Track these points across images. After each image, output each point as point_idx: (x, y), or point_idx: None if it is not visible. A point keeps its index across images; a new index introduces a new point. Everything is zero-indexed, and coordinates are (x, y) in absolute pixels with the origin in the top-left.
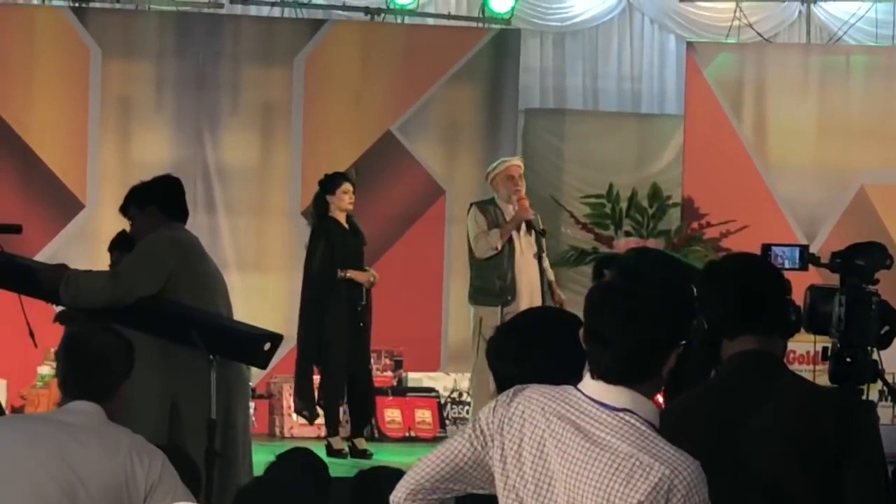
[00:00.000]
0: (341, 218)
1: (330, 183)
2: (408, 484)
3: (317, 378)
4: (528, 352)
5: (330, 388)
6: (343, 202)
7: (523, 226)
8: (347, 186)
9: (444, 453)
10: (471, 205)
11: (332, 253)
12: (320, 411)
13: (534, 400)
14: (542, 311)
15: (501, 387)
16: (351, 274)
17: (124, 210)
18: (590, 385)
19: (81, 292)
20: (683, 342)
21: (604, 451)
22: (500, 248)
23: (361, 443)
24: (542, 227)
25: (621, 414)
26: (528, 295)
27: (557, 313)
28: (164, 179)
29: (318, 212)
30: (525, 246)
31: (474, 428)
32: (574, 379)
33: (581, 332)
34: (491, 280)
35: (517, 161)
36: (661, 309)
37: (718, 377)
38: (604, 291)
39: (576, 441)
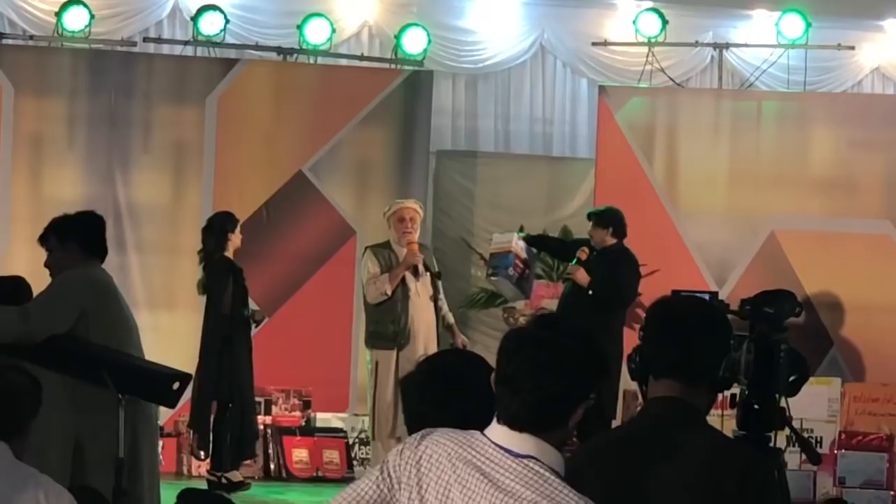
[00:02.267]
0: (232, 256)
1: (231, 221)
2: None
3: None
4: (454, 396)
5: (236, 423)
6: (239, 241)
7: (420, 268)
8: (239, 226)
9: (351, 494)
10: (365, 248)
11: (240, 291)
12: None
13: (441, 444)
14: (463, 355)
15: (414, 429)
16: (253, 313)
17: (43, 240)
18: (496, 430)
19: None
20: (593, 396)
21: (508, 496)
22: (389, 293)
23: (237, 475)
24: (437, 269)
25: (525, 461)
26: (424, 337)
27: (478, 358)
28: (87, 216)
29: (220, 249)
30: (421, 289)
31: (382, 470)
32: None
33: (492, 375)
34: (384, 324)
35: (410, 203)
36: (573, 362)
37: (631, 422)
38: (519, 339)
39: (481, 487)
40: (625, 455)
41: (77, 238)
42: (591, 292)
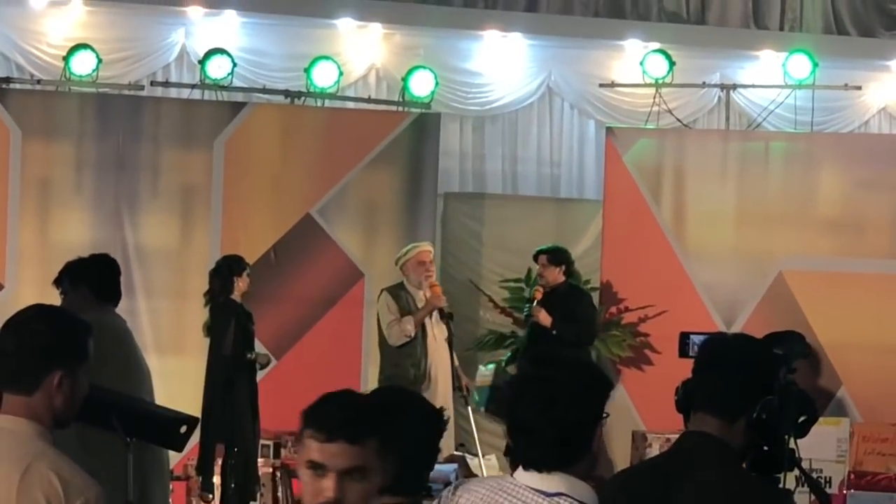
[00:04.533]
0: (240, 300)
1: (238, 265)
2: None
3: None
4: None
5: (239, 468)
6: (246, 284)
7: (435, 311)
8: (248, 270)
9: None
10: (381, 291)
11: (243, 335)
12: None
13: (475, 492)
14: (397, 390)
15: None
16: (257, 356)
17: (58, 283)
18: (524, 475)
19: None
20: (607, 414)
21: None
22: (412, 335)
23: None
24: (449, 310)
25: (556, 498)
26: (443, 381)
27: (414, 395)
28: (100, 259)
29: (226, 292)
30: (437, 332)
31: None
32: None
33: (505, 427)
34: (404, 367)
35: (427, 246)
36: (578, 387)
37: (661, 455)
38: (520, 382)
39: None
40: (652, 487)
41: (88, 282)
42: (554, 332)
